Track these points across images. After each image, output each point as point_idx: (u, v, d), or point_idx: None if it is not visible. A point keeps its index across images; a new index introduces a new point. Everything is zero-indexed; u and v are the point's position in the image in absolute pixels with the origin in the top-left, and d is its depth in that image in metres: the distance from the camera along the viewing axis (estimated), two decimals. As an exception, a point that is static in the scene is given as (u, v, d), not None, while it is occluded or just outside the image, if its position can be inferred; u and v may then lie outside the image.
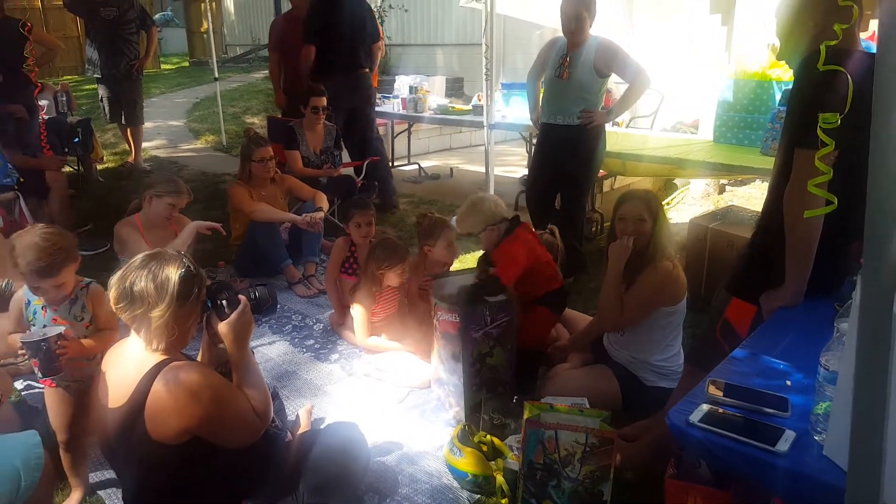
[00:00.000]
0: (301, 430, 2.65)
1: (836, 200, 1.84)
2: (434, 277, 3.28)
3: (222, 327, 1.96)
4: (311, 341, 3.72)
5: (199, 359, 2.14)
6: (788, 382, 1.74)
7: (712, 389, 1.67)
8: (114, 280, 1.86)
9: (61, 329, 2.29)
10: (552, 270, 3.34)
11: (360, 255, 3.78)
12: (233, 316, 1.96)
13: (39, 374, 2.33)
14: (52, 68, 6.08)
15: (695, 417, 1.55)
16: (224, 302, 1.97)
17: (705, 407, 1.59)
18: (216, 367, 2.06)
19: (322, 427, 2.64)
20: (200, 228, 3.59)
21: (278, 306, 2.43)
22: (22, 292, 2.50)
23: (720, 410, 1.59)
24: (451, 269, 3.62)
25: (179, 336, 1.90)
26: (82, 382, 2.50)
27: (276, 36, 6.10)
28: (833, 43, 1.85)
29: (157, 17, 15.70)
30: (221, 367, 2.05)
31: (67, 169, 6.04)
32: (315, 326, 3.89)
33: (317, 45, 5.44)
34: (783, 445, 1.46)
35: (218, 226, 3.63)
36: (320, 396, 3.17)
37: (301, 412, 2.88)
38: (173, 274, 1.83)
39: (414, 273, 3.53)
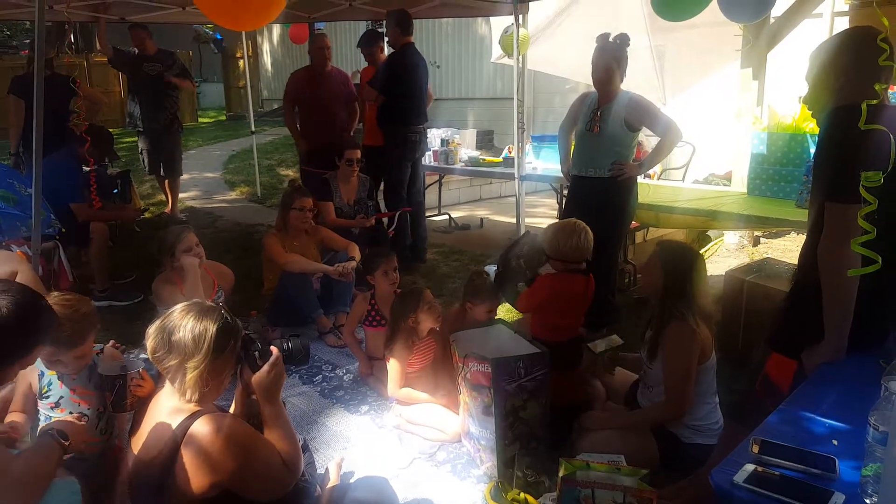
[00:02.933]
0: (331, 484, 2.61)
1: (879, 259, 1.80)
2: (451, 332, 3.26)
3: (254, 379, 1.97)
4: (341, 392, 3.71)
5: (232, 409, 2.13)
6: (835, 441, 1.68)
7: (756, 448, 1.61)
8: (152, 330, 1.88)
9: (142, 365, 2.29)
10: (563, 323, 3.31)
11: (381, 305, 3.79)
12: (264, 368, 1.96)
13: (110, 409, 2.32)
14: (95, 121, 6.31)
15: (739, 478, 1.50)
16: (256, 353, 1.98)
17: (750, 467, 1.54)
18: (248, 419, 2.05)
19: (352, 481, 2.61)
20: (189, 265, 3.59)
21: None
22: (35, 370, 2.40)
23: (765, 470, 1.53)
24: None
25: (214, 387, 1.90)
26: (85, 462, 2.41)
27: (294, 87, 6.18)
28: (874, 102, 1.84)
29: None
30: (254, 419, 2.04)
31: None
32: (345, 377, 3.88)
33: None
34: (832, 509, 1.41)
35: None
36: (350, 449, 3.14)
37: (331, 465, 2.84)
38: (211, 326, 1.84)
39: (450, 324, 3.51)
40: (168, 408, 1.87)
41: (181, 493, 1.79)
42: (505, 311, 4.29)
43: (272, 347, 2.01)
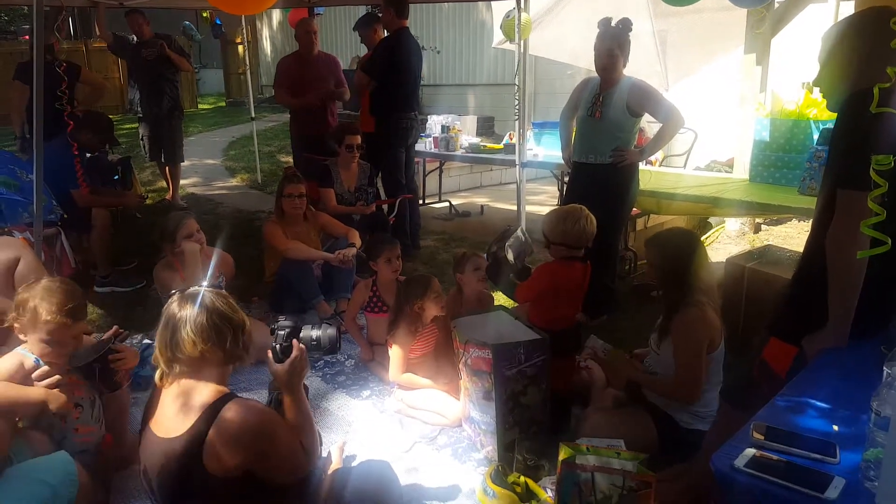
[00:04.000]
0: (333, 467, 2.63)
1: (889, 241, 1.80)
2: (453, 318, 3.27)
3: (275, 370, 2.05)
4: (343, 377, 3.72)
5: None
6: (836, 427, 1.68)
7: (757, 433, 1.62)
8: (159, 333, 1.93)
9: (109, 343, 2.30)
10: (561, 311, 3.32)
11: (383, 292, 3.80)
12: (286, 363, 2.04)
13: (105, 391, 2.36)
14: (95, 108, 6.30)
15: (740, 462, 1.51)
16: (278, 347, 2.06)
17: (750, 451, 1.55)
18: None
19: (354, 465, 2.62)
20: (190, 251, 3.62)
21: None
22: (20, 352, 2.37)
23: (766, 455, 1.54)
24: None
25: (225, 366, 1.97)
26: (87, 454, 2.43)
27: (284, 73, 6.25)
28: (887, 85, 1.83)
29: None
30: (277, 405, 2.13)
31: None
32: (347, 362, 3.89)
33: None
34: (832, 493, 1.41)
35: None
36: (351, 433, 3.16)
37: (333, 449, 2.86)
38: (204, 314, 1.91)
39: (450, 308, 3.52)
40: (190, 390, 1.92)
41: (207, 473, 1.84)
42: (504, 298, 4.29)
43: (294, 341, 2.08)
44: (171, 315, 1.92)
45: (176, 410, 1.90)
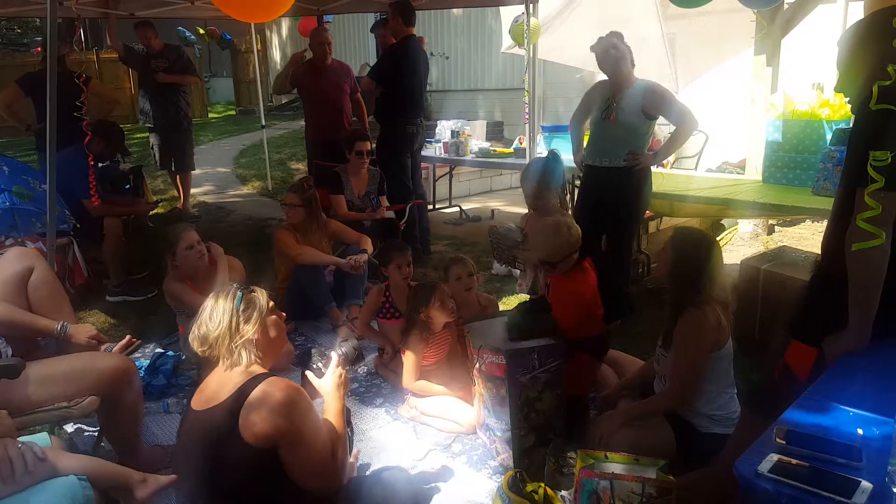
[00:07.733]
0: (347, 476, 2.62)
1: (883, 235, 1.86)
2: (465, 322, 3.24)
3: (322, 383, 2.24)
4: (356, 384, 3.70)
5: None
6: (860, 430, 1.65)
7: (780, 438, 1.59)
8: (191, 337, 2.06)
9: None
10: (595, 318, 3.27)
11: (395, 298, 3.79)
12: (326, 374, 2.24)
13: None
14: (107, 118, 6.31)
15: (763, 468, 1.48)
16: (319, 364, 2.28)
17: (774, 457, 1.52)
18: None
19: (369, 473, 2.61)
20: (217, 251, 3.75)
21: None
22: None
23: (790, 460, 1.51)
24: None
25: (266, 349, 2.08)
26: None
27: (295, 82, 6.36)
28: (887, 83, 1.83)
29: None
30: None
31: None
32: (359, 370, 3.86)
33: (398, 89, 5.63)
34: (860, 498, 1.38)
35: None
36: (365, 441, 3.14)
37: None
38: (229, 307, 2.02)
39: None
40: (231, 372, 2.02)
41: (243, 441, 1.90)
42: (510, 302, 4.27)
43: (332, 354, 2.30)
44: (200, 317, 2.05)
45: (216, 386, 2.00)
